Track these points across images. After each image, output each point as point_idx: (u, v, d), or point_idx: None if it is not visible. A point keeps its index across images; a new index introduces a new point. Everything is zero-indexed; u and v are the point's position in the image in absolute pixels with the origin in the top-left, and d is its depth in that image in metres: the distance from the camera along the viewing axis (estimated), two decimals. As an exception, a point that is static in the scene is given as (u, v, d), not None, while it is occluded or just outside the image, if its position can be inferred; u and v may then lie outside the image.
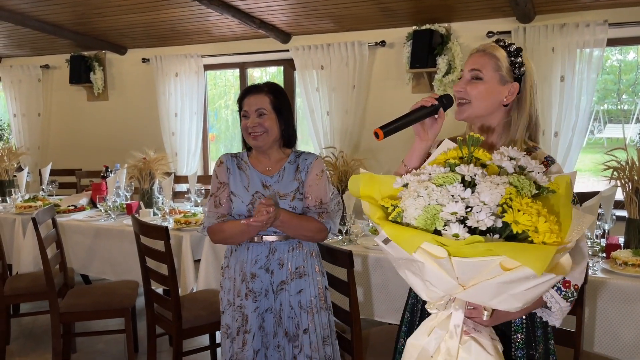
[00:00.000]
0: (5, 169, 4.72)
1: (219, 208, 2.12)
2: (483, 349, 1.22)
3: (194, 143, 5.77)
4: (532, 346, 1.41)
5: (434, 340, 1.25)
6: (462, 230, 1.10)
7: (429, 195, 1.14)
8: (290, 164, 2.13)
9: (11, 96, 6.59)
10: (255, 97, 2.07)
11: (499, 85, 1.46)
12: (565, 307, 1.34)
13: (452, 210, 1.11)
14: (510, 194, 1.11)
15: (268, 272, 2.09)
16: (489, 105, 1.48)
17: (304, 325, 2.08)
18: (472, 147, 1.24)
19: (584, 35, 4.07)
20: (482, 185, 1.13)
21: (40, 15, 4.94)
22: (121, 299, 3.13)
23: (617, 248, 2.63)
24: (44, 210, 3.27)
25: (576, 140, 4.22)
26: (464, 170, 1.17)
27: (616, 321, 2.35)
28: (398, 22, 4.69)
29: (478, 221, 1.09)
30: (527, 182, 1.14)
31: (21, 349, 3.59)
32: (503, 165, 1.20)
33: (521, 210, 1.08)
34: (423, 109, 1.45)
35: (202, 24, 5.00)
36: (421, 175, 1.22)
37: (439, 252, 1.11)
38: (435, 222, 1.13)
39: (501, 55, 1.47)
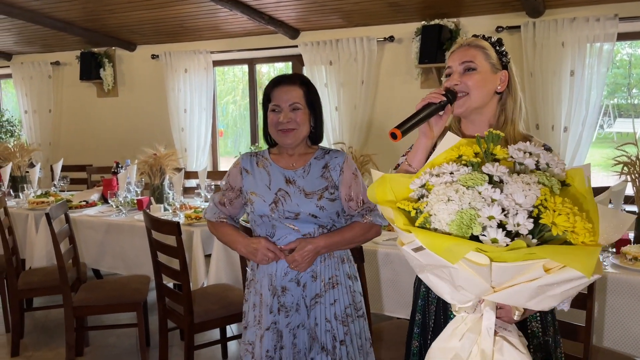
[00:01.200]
0: (17, 165, 4.77)
1: (222, 207, 2.01)
2: (514, 348, 1.18)
3: (203, 139, 5.80)
4: (546, 332, 1.43)
5: (468, 343, 1.20)
6: (500, 235, 1.05)
7: (461, 198, 1.08)
8: (317, 159, 1.94)
9: (22, 92, 6.65)
10: (289, 88, 1.87)
11: (492, 74, 1.50)
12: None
13: (489, 214, 1.06)
14: (545, 194, 1.06)
15: (299, 285, 1.90)
16: (485, 94, 1.50)
17: (340, 337, 1.91)
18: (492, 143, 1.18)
19: (594, 30, 4.05)
20: (514, 186, 1.07)
21: (51, 12, 4.98)
22: (133, 293, 3.17)
23: (627, 243, 2.62)
24: (57, 206, 3.31)
25: (586, 135, 4.21)
26: (491, 170, 1.11)
27: (626, 316, 2.35)
28: (407, 17, 4.68)
29: (518, 224, 1.05)
30: (555, 180, 1.10)
31: (35, 342, 3.64)
32: (525, 163, 1.15)
33: (557, 210, 1.04)
34: (432, 105, 1.45)
35: (211, 20, 5.02)
36: (443, 176, 1.15)
37: (482, 259, 1.06)
38: (472, 227, 1.06)
39: (486, 45, 1.51)
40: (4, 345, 3.58)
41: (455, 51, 1.53)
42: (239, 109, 6.55)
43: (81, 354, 3.40)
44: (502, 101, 1.54)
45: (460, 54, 1.51)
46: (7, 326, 3.78)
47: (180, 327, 3.04)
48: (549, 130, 4.27)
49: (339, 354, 1.90)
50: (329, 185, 1.91)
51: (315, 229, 1.89)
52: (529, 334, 1.40)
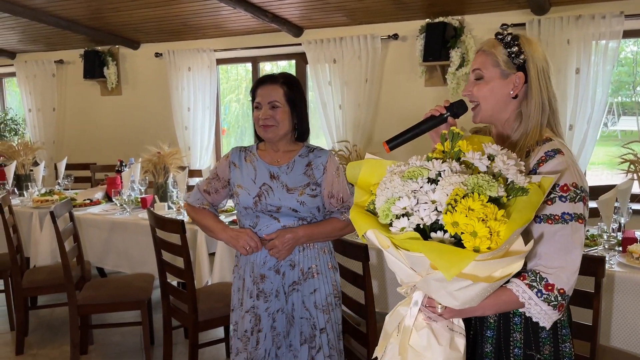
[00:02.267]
0: (22, 164, 4.78)
1: (206, 195, 2.14)
2: (435, 338, 1.26)
3: (207, 137, 5.80)
4: (532, 347, 1.37)
5: (395, 318, 1.32)
6: (408, 225, 1.14)
7: (393, 187, 1.18)
8: (302, 157, 2.06)
9: (26, 91, 6.66)
10: (270, 87, 2.00)
11: (502, 80, 1.42)
12: (549, 311, 1.26)
13: (404, 205, 1.14)
14: (456, 194, 1.10)
15: (279, 274, 2.04)
16: (497, 102, 1.43)
17: (320, 325, 2.05)
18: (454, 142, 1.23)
19: (599, 27, 4.03)
20: (440, 183, 1.14)
21: (55, 10, 4.98)
22: (137, 291, 3.17)
23: (634, 242, 2.61)
24: (62, 204, 3.31)
25: (591, 133, 4.18)
26: (429, 166, 1.18)
27: (633, 315, 2.34)
28: (411, 15, 4.67)
29: (420, 218, 1.12)
30: (486, 183, 1.12)
31: (39, 340, 3.65)
32: (474, 164, 1.18)
33: (463, 212, 1.08)
34: (432, 119, 1.46)
35: (214, 18, 5.01)
36: (402, 166, 1.24)
37: (385, 241, 1.17)
38: (389, 214, 1.17)
39: (498, 49, 1.42)
40: (8, 343, 3.59)
41: (475, 57, 1.49)
42: (242, 107, 6.55)
43: (85, 352, 3.40)
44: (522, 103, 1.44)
45: (474, 60, 1.47)
46: (11, 324, 3.79)
47: (185, 326, 3.05)
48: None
49: (318, 342, 2.04)
50: (310, 182, 2.03)
51: (295, 222, 2.02)
52: (510, 343, 1.38)
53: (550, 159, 1.33)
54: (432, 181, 1.17)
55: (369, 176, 1.32)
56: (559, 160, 1.32)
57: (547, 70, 1.41)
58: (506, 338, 1.39)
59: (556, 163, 1.32)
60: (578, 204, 1.29)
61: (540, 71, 1.40)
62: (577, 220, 1.29)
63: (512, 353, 1.38)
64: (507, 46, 1.41)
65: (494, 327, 1.40)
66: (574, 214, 1.29)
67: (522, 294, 1.27)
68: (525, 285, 1.27)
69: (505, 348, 1.39)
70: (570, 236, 1.28)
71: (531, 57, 1.40)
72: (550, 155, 1.34)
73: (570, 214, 1.28)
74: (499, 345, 1.40)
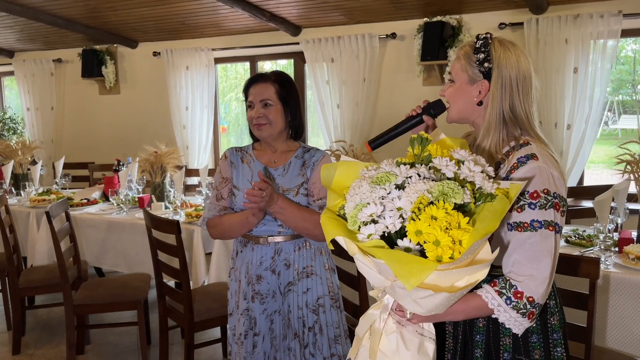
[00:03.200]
0: (19, 163, 4.78)
1: (220, 201, 2.07)
2: (403, 343, 1.26)
3: (205, 136, 5.79)
4: (521, 351, 1.36)
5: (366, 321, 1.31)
6: (375, 231, 1.13)
7: (362, 193, 1.17)
8: (297, 158, 2.05)
9: (24, 90, 6.66)
10: (261, 86, 1.99)
11: (468, 86, 1.40)
12: (518, 318, 1.25)
13: (371, 211, 1.13)
14: (420, 202, 1.10)
15: (274, 274, 2.03)
16: (462, 106, 1.43)
17: (309, 324, 2.03)
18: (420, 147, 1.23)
19: (597, 26, 4.02)
20: (406, 190, 1.14)
21: (53, 9, 4.97)
22: (134, 291, 3.17)
23: (630, 242, 2.60)
24: (58, 204, 3.31)
25: (589, 132, 4.17)
26: (397, 172, 1.17)
27: (628, 316, 2.33)
28: (409, 14, 4.66)
29: (386, 226, 1.12)
30: (451, 190, 1.11)
31: (36, 340, 3.65)
32: (442, 170, 1.18)
33: (427, 221, 1.07)
34: (410, 119, 1.50)
35: (212, 17, 5.00)
36: (372, 171, 1.23)
37: (352, 248, 1.16)
38: (357, 220, 1.16)
39: (468, 53, 1.40)
40: (5, 343, 3.59)
41: None
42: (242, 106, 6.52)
43: (82, 352, 3.40)
44: None
45: (452, 63, 1.47)
46: (8, 324, 3.79)
47: (181, 326, 3.04)
48: (552, 128, 4.25)
49: (306, 339, 2.02)
50: (304, 181, 2.03)
51: None
52: (500, 348, 1.37)
53: (522, 165, 1.31)
54: (399, 187, 1.16)
55: (344, 179, 1.31)
56: (532, 166, 1.30)
57: (516, 79, 1.37)
58: (496, 342, 1.38)
59: (528, 169, 1.30)
60: (549, 211, 1.26)
61: (505, 80, 1.36)
62: (547, 227, 1.26)
63: (501, 357, 1.37)
64: (475, 52, 1.39)
65: (483, 332, 1.39)
66: (543, 221, 1.26)
67: (491, 300, 1.26)
68: (494, 292, 1.26)
69: (495, 352, 1.38)
70: (539, 244, 1.25)
71: (497, 65, 1.36)
72: (522, 161, 1.31)
73: (539, 221, 1.26)
74: (489, 349, 1.39)
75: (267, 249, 2.02)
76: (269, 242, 2.02)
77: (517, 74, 1.37)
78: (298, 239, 2.04)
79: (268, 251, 2.02)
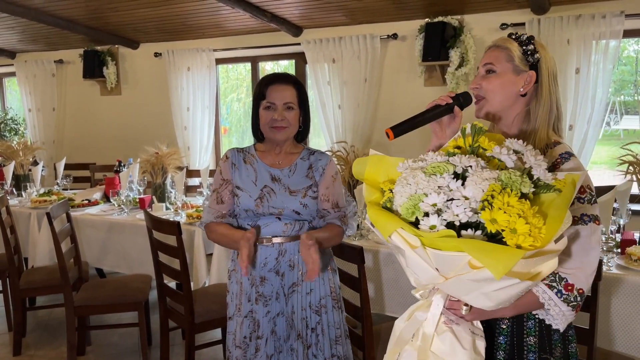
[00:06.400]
0: (20, 164, 4.78)
1: (220, 205, 2.03)
2: (458, 342, 1.22)
3: (206, 137, 5.79)
4: (546, 350, 1.36)
5: (413, 325, 1.27)
6: (439, 222, 1.08)
7: (417, 184, 1.12)
8: (303, 160, 2.05)
9: (26, 91, 6.67)
10: (284, 88, 1.96)
11: (514, 76, 1.40)
12: (567, 312, 1.26)
13: (433, 201, 1.09)
14: (492, 190, 1.06)
15: (278, 275, 2.00)
16: (505, 97, 1.41)
17: (312, 325, 2.02)
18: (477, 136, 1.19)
19: (599, 27, 4.00)
20: (471, 179, 1.09)
21: (54, 10, 4.97)
22: (134, 292, 3.16)
23: (633, 244, 2.59)
24: (58, 205, 3.31)
25: (592, 132, 4.16)
26: (456, 161, 1.14)
27: (631, 318, 2.32)
28: (410, 14, 4.65)
29: (455, 215, 1.07)
30: (519, 179, 1.09)
31: (37, 341, 3.64)
32: (502, 159, 1.15)
33: (502, 208, 1.05)
34: (437, 107, 1.41)
35: (213, 18, 5.00)
36: (419, 162, 1.19)
37: (414, 241, 1.11)
38: (416, 211, 1.11)
39: (513, 45, 1.41)
40: (6, 344, 3.59)
41: (486, 52, 1.47)
42: (244, 107, 6.54)
43: (83, 353, 3.40)
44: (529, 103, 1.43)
45: (486, 55, 1.46)
46: (9, 325, 3.79)
47: (182, 327, 3.04)
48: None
49: (309, 340, 2.02)
50: (312, 184, 2.02)
51: (296, 223, 2.00)
52: (524, 348, 1.36)
53: (565, 161, 1.34)
54: (458, 177, 1.12)
55: (375, 173, 1.28)
56: (575, 163, 1.33)
57: (556, 75, 1.42)
58: (520, 343, 1.36)
59: (572, 165, 1.33)
60: (594, 206, 1.30)
61: (551, 74, 1.41)
62: (595, 221, 1.29)
63: (525, 358, 1.36)
64: (522, 44, 1.41)
65: (506, 333, 1.37)
66: (591, 215, 1.29)
67: (542, 295, 1.26)
68: (545, 286, 1.26)
69: (518, 353, 1.36)
70: (589, 237, 1.27)
71: (545, 59, 1.41)
72: (565, 157, 1.34)
73: (588, 215, 1.29)
74: (512, 351, 1.37)
75: (271, 250, 2.00)
76: (273, 243, 2.00)
77: (556, 71, 1.43)
78: None
79: (272, 252, 2.00)
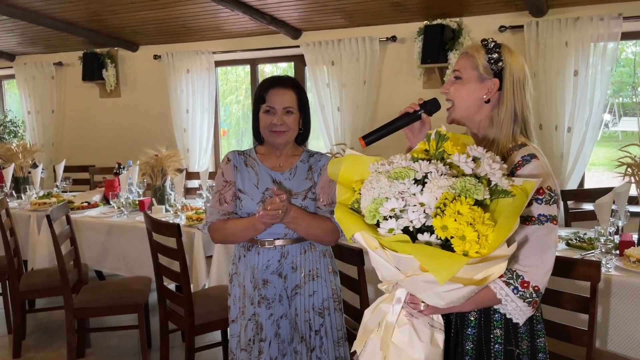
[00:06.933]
0: (20, 166, 4.78)
1: (223, 205, 2.03)
2: (416, 335, 1.30)
3: (206, 139, 5.80)
4: (512, 342, 1.43)
5: (378, 315, 1.34)
6: (397, 226, 1.15)
7: (380, 187, 1.18)
8: (303, 162, 2.06)
9: (25, 93, 6.67)
10: (284, 92, 1.96)
11: (478, 83, 1.47)
12: (524, 307, 1.33)
13: (392, 206, 1.15)
14: (445, 198, 1.12)
15: (281, 277, 2.01)
16: (470, 103, 1.49)
17: (315, 327, 2.03)
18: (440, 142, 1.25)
19: (598, 29, 4.02)
20: (428, 186, 1.16)
21: (54, 13, 4.98)
22: (134, 295, 3.16)
23: (631, 245, 2.60)
24: (58, 207, 3.31)
25: (590, 134, 4.17)
26: (417, 167, 1.20)
27: (630, 319, 2.33)
28: (409, 17, 4.66)
29: (410, 221, 1.14)
30: (473, 187, 1.14)
31: (37, 343, 3.64)
32: (460, 166, 1.21)
33: (452, 216, 1.10)
34: (406, 116, 1.53)
35: (213, 20, 5.01)
36: (387, 166, 1.25)
37: (373, 242, 1.18)
38: (377, 214, 1.17)
39: (479, 54, 1.48)
40: (5, 346, 3.59)
41: (458, 58, 1.55)
42: (243, 109, 6.55)
43: (82, 356, 3.40)
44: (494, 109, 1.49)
45: (457, 61, 1.54)
46: (9, 327, 3.79)
47: (182, 329, 3.04)
48: (552, 131, 4.24)
49: (313, 342, 2.02)
50: (312, 185, 2.03)
51: None
52: (491, 339, 1.43)
53: (526, 163, 1.39)
54: (418, 182, 1.18)
55: (350, 173, 1.33)
56: (535, 165, 1.38)
57: (523, 82, 1.47)
58: (487, 335, 1.43)
59: (532, 167, 1.38)
60: (552, 207, 1.36)
61: (516, 81, 1.46)
62: (552, 221, 1.35)
63: (492, 349, 1.43)
64: (488, 52, 1.47)
65: (474, 325, 1.44)
66: (549, 215, 1.35)
67: (499, 291, 1.33)
68: (502, 283, 1.33)
69: (485, 345, 1.43)
70: (545, 237, 1.34)
71: (509, 66, 1.46)
72: (526, 159, 1.39)
73: (545, 215, 1.35)
74: (480, 342, 1.44)
75: (273, 253, 2.00)
76: (275, 246, 2.00)
77: (524, 77, 1.47)
78: (304, 242, 2.03)
79: (274, 254, 2.00)
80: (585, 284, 2.04)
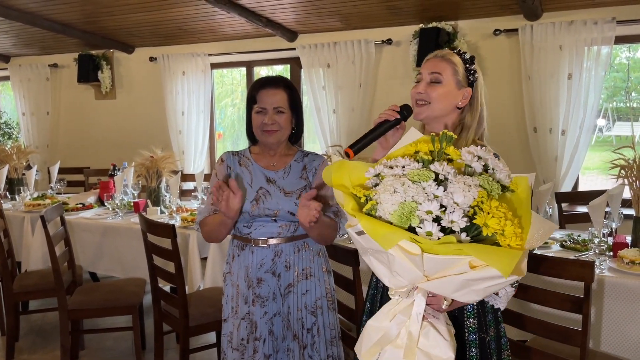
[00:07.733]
0: (14, 168, 4.76)
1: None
2: (440, 335, 1.29)
3: (201, 141, 5.79)
4: (484, 330, 1.52)
5: (396, 325, 1.31)
6: (435, 229, 1.15)
7: (405, 191, 1.18)
8: (297, 162, 2.07)
9: (20, 95, 6.65)
10: (274, 92, 1.98)
11: (456, 89, 1.61)
12: (510, 292, 1.46)
13: (428, 209, 1.16)
14: (482, 197, 1.16)
15: (275, 276, 2.02)
16: (445, 107, 1.61)
17: (307, 326, 2.04)
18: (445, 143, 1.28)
19: (592, 33, 4.05)
20: (455, 186, 1.17)
21: (49, 14, 4.97)
22: (129, 296, 3.15)
23: (625, 247, 2.61)
24: (52, 209, 3.30)
25: (584, 138, 4.20)
26: (437, 169, 1.22)
27: (623, 320, 2.34)
28: (404, 20, 4.68)
29: (452, 222, 1.15)
30: (496, 185, 1.20)
31: (30, 345, 3.62)
32: (472, 166, 1.24)
33: (490, 213, 1.14)
34: (386, 122, 1.60)
35: (209, 22, 5.02)
36: (395, 168, 1.26)
37: (413, 249, 1.16)
38: (411, 219, 1.17)
39: (458, 61, 1.61)
40: (-1, 348, 3.57)
41: (430, 60, 1.65)
42: (238, 112, 6.55)
43: (76, 357, 3.38)
44: (462, 115, 1.65)
45: (432, 63, 1.63)
46: (2, 329, 3.76)
47: (176, 330, 3.03)
48: (547, 134, 4.27)
49: (305, 340, 2.03)
50: (306, 185, 2.04)
51: (291, 224, 2.02)
52: (465, 329, 1.51)
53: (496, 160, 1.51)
54: (439, 184, 1.20)
55: (340, 178, 1.33)
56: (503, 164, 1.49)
57: (485, 93, 1.66)
58: (461, 325, 1.51)
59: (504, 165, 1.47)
60: None
61: (482, 92, 1.65)
62: None
63: (467, 339, 1.50)
64: (466, 62, 1.62)
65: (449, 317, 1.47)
66: None
67: None
68: None
69: (460, 335, 1.50)
70: None
71: (480, 78, 1.65)
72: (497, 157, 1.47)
73: None
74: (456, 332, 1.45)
75: (267, 251, 2.01)
76: (269, 244, 2.01)
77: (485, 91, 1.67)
78: (297, 241, 2.04)
79: (268, 253, 2.01)
80: (578, 284, 2.04)
